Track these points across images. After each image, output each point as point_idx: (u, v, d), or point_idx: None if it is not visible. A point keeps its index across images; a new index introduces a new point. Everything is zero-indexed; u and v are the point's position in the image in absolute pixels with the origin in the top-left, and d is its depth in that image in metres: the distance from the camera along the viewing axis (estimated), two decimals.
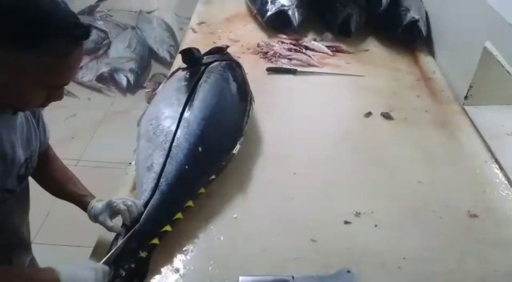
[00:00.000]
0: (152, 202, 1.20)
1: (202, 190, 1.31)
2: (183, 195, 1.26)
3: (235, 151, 1.41)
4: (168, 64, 3.15)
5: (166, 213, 1.22)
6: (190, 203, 1.26)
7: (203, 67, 1.58)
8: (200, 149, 1.33)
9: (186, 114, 1.40)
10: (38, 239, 2.29)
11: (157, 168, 1.27)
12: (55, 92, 0.95)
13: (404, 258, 1.21)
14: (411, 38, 2.20)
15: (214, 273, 1.15)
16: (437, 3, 2.20)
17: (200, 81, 1.51)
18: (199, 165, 1.31)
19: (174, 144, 1.31)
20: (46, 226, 2.37)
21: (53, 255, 2.21)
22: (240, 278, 1.12)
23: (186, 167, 1.28)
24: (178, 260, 1.17)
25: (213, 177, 1.34)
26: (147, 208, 1.19)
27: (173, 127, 1.35)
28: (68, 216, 1.72)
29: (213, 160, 1.36)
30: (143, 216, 1.17)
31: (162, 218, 1.20)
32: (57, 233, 2.29)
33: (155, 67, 3.54)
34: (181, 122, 1.37)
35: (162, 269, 1.15)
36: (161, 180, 1.24)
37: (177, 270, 1.15)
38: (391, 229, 1.30)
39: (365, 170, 1.50)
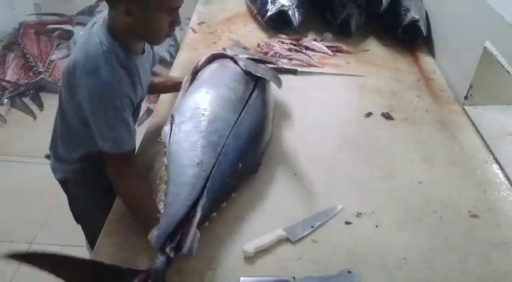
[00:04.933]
0: (200, 201, 1.19)
1: (224, 204, 1.29)
2: (215, 204, 1.25)
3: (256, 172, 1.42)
4: (168, 64, 3.15)
5: (205, 216, 1.20)
6: (214, 214, 1.26)
7: (255, 78, 1.57)
8: (240, 165, 1.32)
9: (237, 124, 1.38)
10: (38, 239, 2.30)
11: (206, 168, 1.24)
12: (175, 17, 1.24)
13: (405, 258, 1.21)
14: (411, 38, 2.21)
15: (215, 273, 1.15)
16: (437, 3, 2.20)
17: (253, 94, 1.51)
18: (235, 181, 1.31)
19: (223, 150, 1.30)
20: (46, 226, 2.37)
21: None
22: (241, 279, 1.12)
23: (228, 179, 1.28)
24: (179, 261, 1.17)
25: (233, 194, 1.33)
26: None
27: (227, 133, 1.33)
28: (68, 216, 1.72)
29: (244, 177, 1.37)
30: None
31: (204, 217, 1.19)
32: (57, 233, 2.29)
33: (155, 67, 3.54)
34: (232, 131, 1.35)
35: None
36: (208, 184, 1.22)
37: (178, 271, 1.14)
38: (392, 229, 1.30)
39: (365, 170, 1.50)
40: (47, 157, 1.56)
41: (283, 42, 2.20)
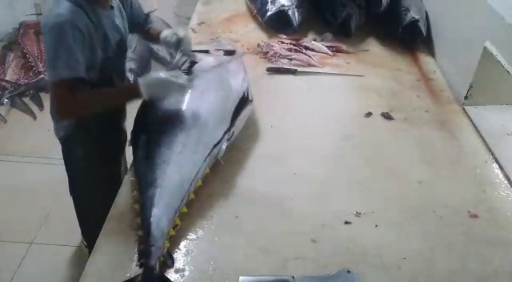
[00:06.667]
0: None
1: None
2: None
3: None
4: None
5: None
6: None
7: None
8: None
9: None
10: (38, 239, 2.29)
11: None
12: None
13: (404, 258, 1.21)
14: (411, 38, 2.21)
15: (214, 273, 1.15)
16: (437, 3, 2.20)
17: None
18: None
19: None
20: (46, 226, 2.37)
21: (53, 255, 2.21)
22: (240, 278, 1.12)
23: None
24: (179, 260, 1.17)
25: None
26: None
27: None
28: (68, 216, 1.72)
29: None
30: None
31: None
32: (57, 233, 2.29)
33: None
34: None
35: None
36: None
37: (177, 270, 1.15)
38: (391, 229, 1.30)
39: (365, 170, 1.50)
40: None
41: (283, 42, 2.20)
